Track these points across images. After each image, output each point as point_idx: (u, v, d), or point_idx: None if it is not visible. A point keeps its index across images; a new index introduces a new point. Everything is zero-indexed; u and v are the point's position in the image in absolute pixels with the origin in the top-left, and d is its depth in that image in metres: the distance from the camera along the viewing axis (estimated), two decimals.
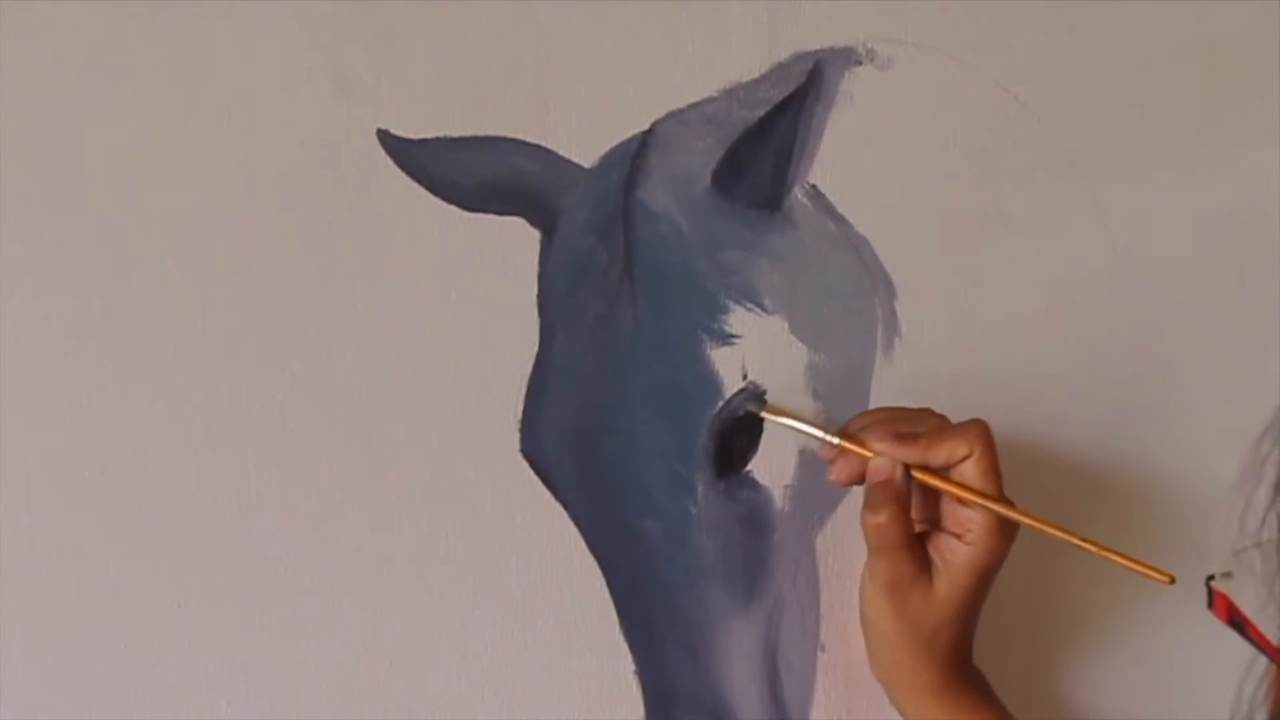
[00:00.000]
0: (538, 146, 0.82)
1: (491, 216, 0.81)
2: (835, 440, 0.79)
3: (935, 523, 0.80)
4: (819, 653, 0.84)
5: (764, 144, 0.83)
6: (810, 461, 0.83)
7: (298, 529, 0.78)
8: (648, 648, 0.82)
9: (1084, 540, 0.77)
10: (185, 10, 0.78)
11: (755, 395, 0.82)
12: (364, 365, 0.79)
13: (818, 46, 0.85)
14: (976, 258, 0.87)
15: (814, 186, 0.85)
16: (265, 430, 0.78)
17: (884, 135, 0.86)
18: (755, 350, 0.83)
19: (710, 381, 0.82)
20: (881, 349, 0.86)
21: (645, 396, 0.82)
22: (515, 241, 0.81)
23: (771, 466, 0.83)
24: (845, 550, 0.84)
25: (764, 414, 0.81)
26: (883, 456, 0.78)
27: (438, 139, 0.80)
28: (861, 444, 0.79)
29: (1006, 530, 0.78)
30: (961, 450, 0.77)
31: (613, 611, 0.82)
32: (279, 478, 0.78)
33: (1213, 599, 0.75)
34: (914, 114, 0.86)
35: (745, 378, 0.82)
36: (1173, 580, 0.75)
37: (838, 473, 0.80)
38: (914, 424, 0.79)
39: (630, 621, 0.82)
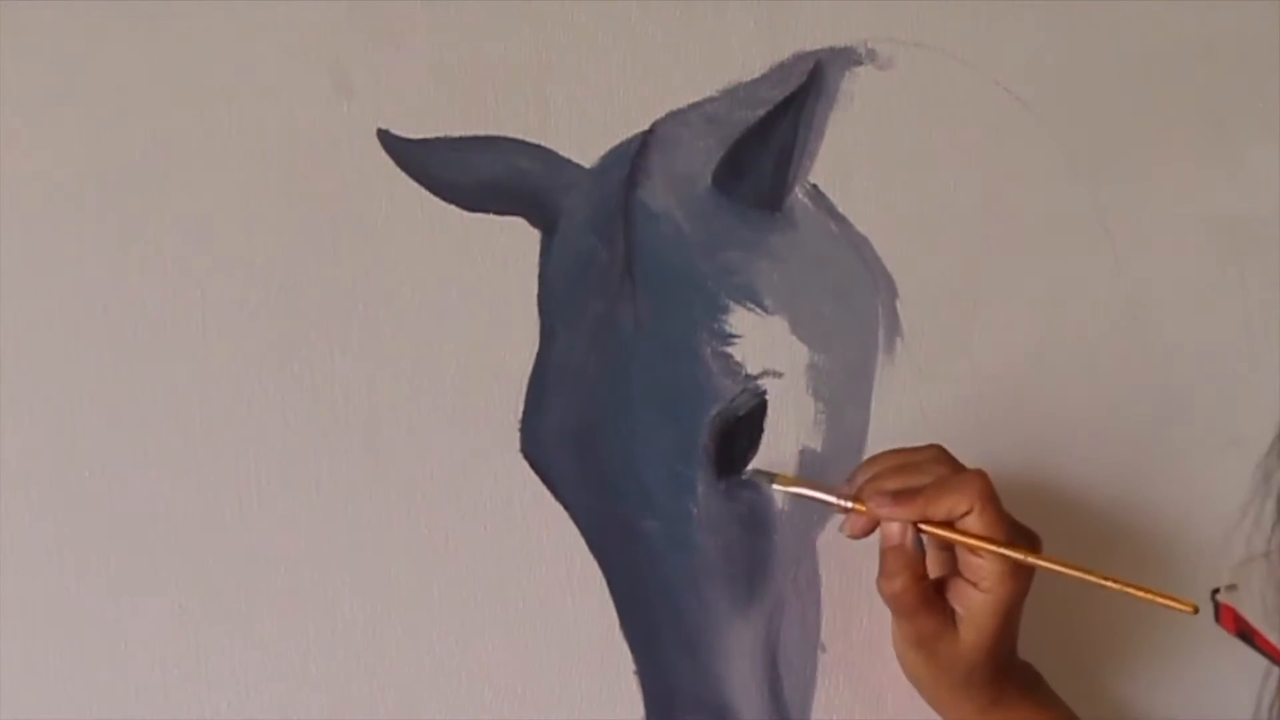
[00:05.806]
0: (538, 146, 0.82)
1: (491, 216, 0.81)
2: (848, 505, 0.78)
3: (953, 568, 0.78)
4: (819, 653, 0.84)
5: (764, 144, 0.83)
6: (811, 462, 0.83)
7: (298, 529, 0.78)
8: (648, 648, 0.82)
9: (1104, 578, 0.75)
10: (186, 10, 0.78)
11: (755, 395, 0.82)
12: (364, 365, 0.79)
13: (818, 46, 0.85)
14: (977, 258, 0.87)
15: (815, 186, 0.85)
16: (265, 430, 0.78)
17: (884, 135, 0.86)
18: (756, 350, 0.83)
19: (711, 382, 0.82)
20: (883, 348, 0.86)
21: (646, 397, 0.82)
22: (515, 241, 0.81)
23: (773, 467, 0.83)
24: (846, 551, 0.83)
25: (776, 485, 0.81)
26: (891, 521, 0.77)
27: (438, 139, 0.80)
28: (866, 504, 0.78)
29: (1021, 572, 0.76)
30: (961, 507, 0.75)
31: (613, 611, 0.82)
32: (279, 478, 0.78)
33: (1219, 612, 0.74)
34: (914, 114, 0.86)
35: (745, 377, 0.82)
36: (1196, 610, 0.73)
37: (850, 529, 0.79)
38: (917, 474, 0.77)
39: (631, 621, 0.82)
